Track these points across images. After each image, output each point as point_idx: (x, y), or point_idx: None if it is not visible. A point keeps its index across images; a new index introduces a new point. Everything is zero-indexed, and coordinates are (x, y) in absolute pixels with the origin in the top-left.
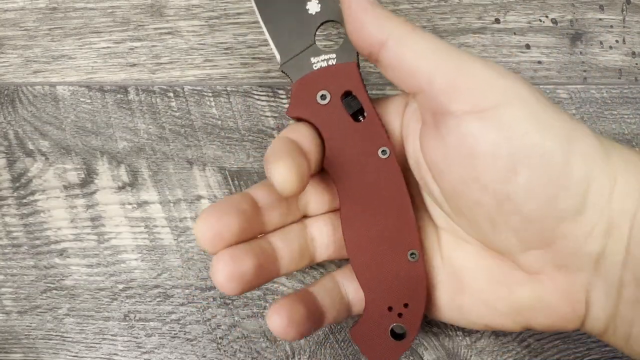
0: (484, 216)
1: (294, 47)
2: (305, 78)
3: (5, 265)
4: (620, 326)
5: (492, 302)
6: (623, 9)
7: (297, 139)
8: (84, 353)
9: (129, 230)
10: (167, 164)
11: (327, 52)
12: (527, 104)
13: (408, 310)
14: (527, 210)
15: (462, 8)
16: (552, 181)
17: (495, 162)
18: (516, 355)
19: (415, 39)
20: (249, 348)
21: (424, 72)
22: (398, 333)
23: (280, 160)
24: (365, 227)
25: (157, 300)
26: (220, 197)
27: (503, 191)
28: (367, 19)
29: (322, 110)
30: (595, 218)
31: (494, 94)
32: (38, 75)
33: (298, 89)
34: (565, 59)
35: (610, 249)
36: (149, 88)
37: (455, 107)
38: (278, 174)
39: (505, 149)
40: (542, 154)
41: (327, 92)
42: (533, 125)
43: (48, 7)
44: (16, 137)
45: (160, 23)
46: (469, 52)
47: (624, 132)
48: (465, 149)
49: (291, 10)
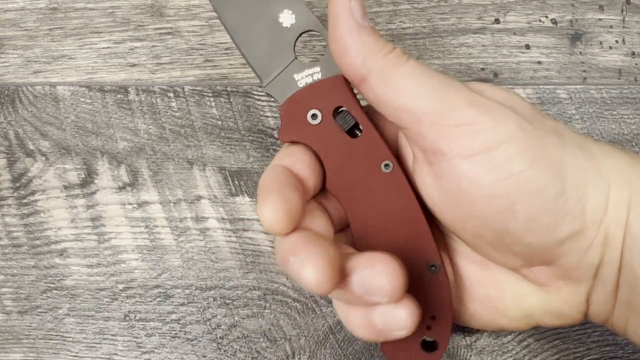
0: (485, 244)
1: (274, 66)
2: (292, 98)
3: (5, 265)
4: (617, 322)
5: (503, 309)
6: (623, 9)
7: (290, 164)
8: (84, 353)
9: (129, 230)
10: (168, 164)
11: (311, 66)
12: (516, 139)
13: (436, 322)
14: (528, 241)
15: (462, 8)
16: (550, 212)
17: (493, 202)
18: (516, 355)
19: (398, 75)
20: (249, 348)
21: (409, 112)
22: (429, 345)
23: (268, 199)
24: (379, 246)
25: (157, 300)
26: (221, 197)
27: (503, 227)
28: (350, 47)
29: (315, 131)
30: (594, 232)
31: (484, 135)
32: (38, 75)
33: (286, 111)
34: (565, 59)
35: (607, 257)
36: (149, 88)
37: (446, 148)
38: (264, 215)
39: (502, 189)
40: (538, 190)
41: (318, 110)
42: (527, 162)
43: (48, 7)
44: (16, 137)
45: (160, 23)
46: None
47: (623, 132)
48: (461, 192)
49: (264, 27)
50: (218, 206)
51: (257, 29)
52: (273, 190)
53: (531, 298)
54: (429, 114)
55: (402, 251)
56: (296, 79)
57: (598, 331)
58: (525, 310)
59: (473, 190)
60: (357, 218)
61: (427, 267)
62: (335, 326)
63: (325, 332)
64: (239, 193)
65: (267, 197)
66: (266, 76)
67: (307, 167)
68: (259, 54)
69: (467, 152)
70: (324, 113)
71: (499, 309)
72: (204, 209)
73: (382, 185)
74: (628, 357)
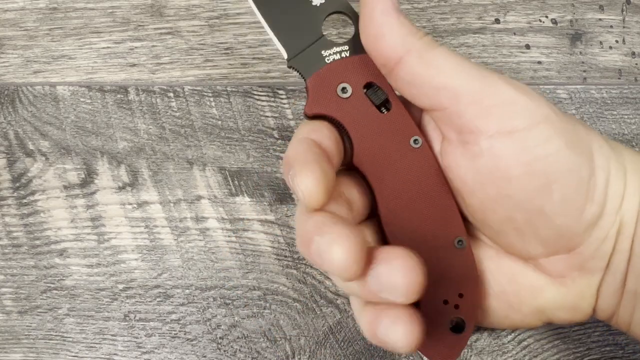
0: (512, 229)
1: (300, 41)
2: (321, 72)
3: (5, 265)
4: (623, 314)
5: (517, 304)
6: (623, 9)
7: (319, 139)
8: (84, 353)
9: (129, 230)
10: (167, 164)
11: (339, 44)
12: (552, 122)
13: (464, 300)
14: (558, 224)
15: (462, 8)
16: (582, 194)
17: (531, 181)
18: (516, 355)
19: (437, 55)
20: (249, 348)
21: (449, 90)
22: (457, 326)
23: (308, 170)
24: (407, 221)
25: (157, 300)
26: (221, 197)
27: (537, 208)
28: (389, 29)
29: (345, 105)
30: (612, 219)
31: (523, 114)
32: (38, 75)
33: (314, 84)
34: (565, 59)
35: (619, 247)
36: (149, 88)
37: (485, 127)
38: (305, 186)
39: (541, 167)
40: (573, 170)
41: (348, 84)
42: (563, 143)
43: (48, 7)
44: (16, 137)
45: (160, 23)
46: (490, 69)
47: (624, 132)
48: (499, 171)
49: (293, 3)
50: (218, 206)
51: (285, 5)
52: (311, 160)
53: (546, 291)
54: (468, 92)
55: (430, 226)
56: (324, 55)
57: (598, 331)
58: (539, 305)
59: (512, 168)
60: (384, 193)
61: (455, 241)
62: (335, 326)
63: (325, 332)
64: (239, 193)
65: (307, 167)
66: (291, 50)
67: (334, 145)
68: (284, 27)
69: (506, 129)
70: (355, 87)
71: (514, 304)
72: (204, 209)
73: (410, 161)
74: (628, 357)
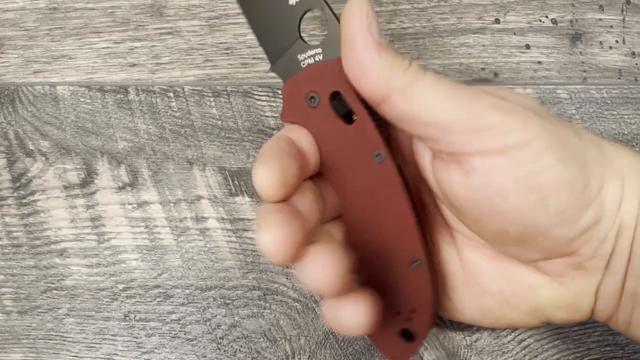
0: (507, 240)
1: (280, 45)
2: (294, 79)
3: (5, 265)
4: (622, 316)
5: (515, 304)
6: (623, 9)
7: (296, 138)
8: (84, 353)
9: (129, 230)
10: (167, 164)
11: (313, 47)
12: (543, 137)
13: (417, 315)
14: (554, 234)
15: (462, 8)
16: (577, 205)
17: (525, 197)
18: (516, 355)
19: (422, 90)
20: (249, 348)
21: (438, 125)
22: (407, 334)
23: (265, 163)
24: (365, 233)
25: (157, 300)
26: (221, 197)
27: (532, 222)
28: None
29: (312, 114)
30: (611, 221)
31: (514, 133)
32: (38, 75)
33: (288, 91)
34: (565, 59)
35: (619, 247)
36: (149, 88)
37: (477, 148)
38: (259, 178)
39: (535, 183)
40: (568, 182)
41: (316, 93)
42: (556, 158)
43: (48, 7)
44: (16, 137)
45: (160, 23)
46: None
47: (623, 132)
48: (493, 187)
49: (273, 4)
50: (218, 206)
51: (267, 6)
52: (272, 155)
53: (544, 290)
54: (457, 122)
55: (386, 244)
56: (299, 60)
57: (598, 331)
58: (537, 304)
59: (506, 184)
60: (346, 205)
61: (410, 262)
62: None
63: (325, 332)
64: (239, 193)
65: (265, 162)
66: (273, 55)
67: (311, 144)
68: (267, 31)
69: (499, 147)
70: (322, 97)
71: (511, 303)
72: (204, 209)
73: (371, 176)
74: (628, 357)
